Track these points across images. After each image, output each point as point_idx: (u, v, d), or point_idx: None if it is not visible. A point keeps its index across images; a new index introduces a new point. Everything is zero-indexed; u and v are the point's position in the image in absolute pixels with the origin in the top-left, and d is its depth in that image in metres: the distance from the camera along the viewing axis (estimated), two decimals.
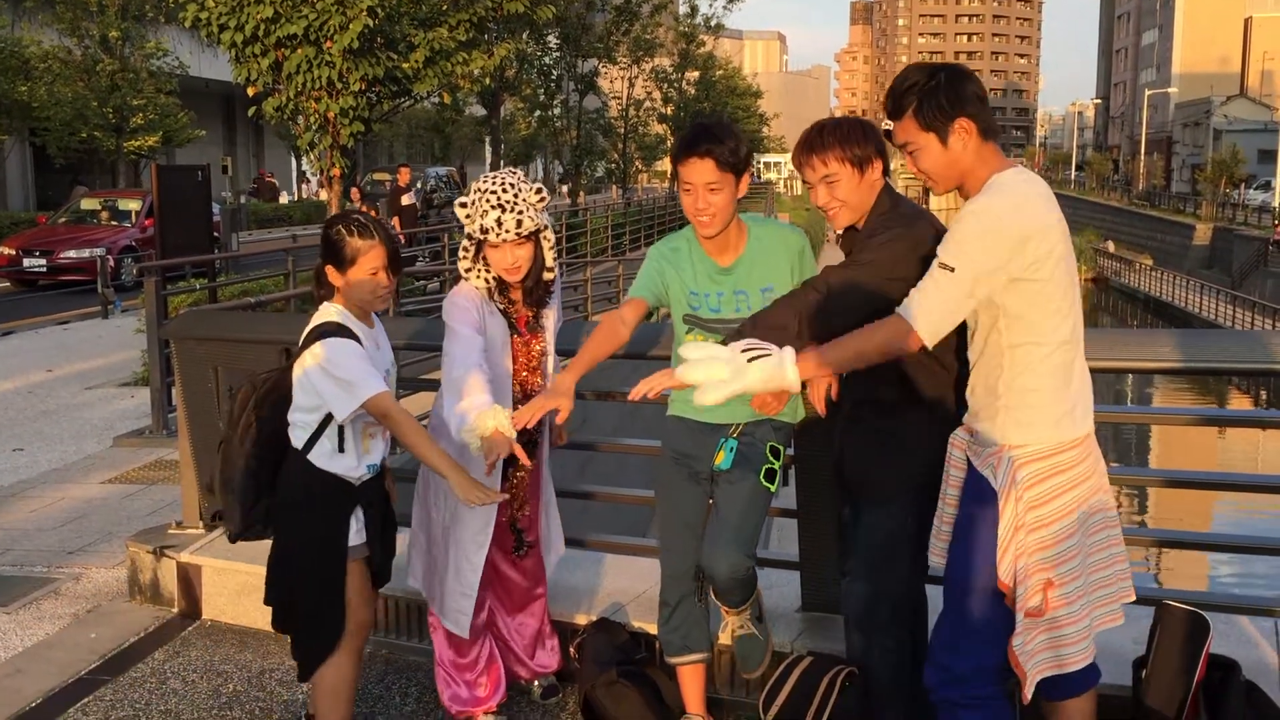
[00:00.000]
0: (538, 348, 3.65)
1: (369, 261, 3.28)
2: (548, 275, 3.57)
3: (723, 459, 3.41)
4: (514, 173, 3.46)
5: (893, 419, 3.22)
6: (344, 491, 3.37)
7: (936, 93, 2.84)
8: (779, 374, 2.82)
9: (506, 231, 3.36)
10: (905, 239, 3.02)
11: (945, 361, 3.14)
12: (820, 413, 3.29)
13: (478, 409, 3.16)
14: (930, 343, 2.79)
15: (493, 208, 3.36)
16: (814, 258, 3.52)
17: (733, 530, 3.35)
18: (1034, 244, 2.73)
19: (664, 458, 3.60)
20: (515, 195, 3.36)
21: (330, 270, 3.34)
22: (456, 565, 3.64)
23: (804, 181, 3.28)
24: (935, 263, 2.79)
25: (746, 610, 3.49)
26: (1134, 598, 3.02)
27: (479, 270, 3.50)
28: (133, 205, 22.69)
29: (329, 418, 3.32)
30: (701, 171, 3.25)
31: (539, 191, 3.43)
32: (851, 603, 3.33)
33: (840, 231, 3.27)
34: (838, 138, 3.15)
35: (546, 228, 3.48)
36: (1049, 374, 2.83)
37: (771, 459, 3.41)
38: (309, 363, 3.28)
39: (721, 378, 2.79)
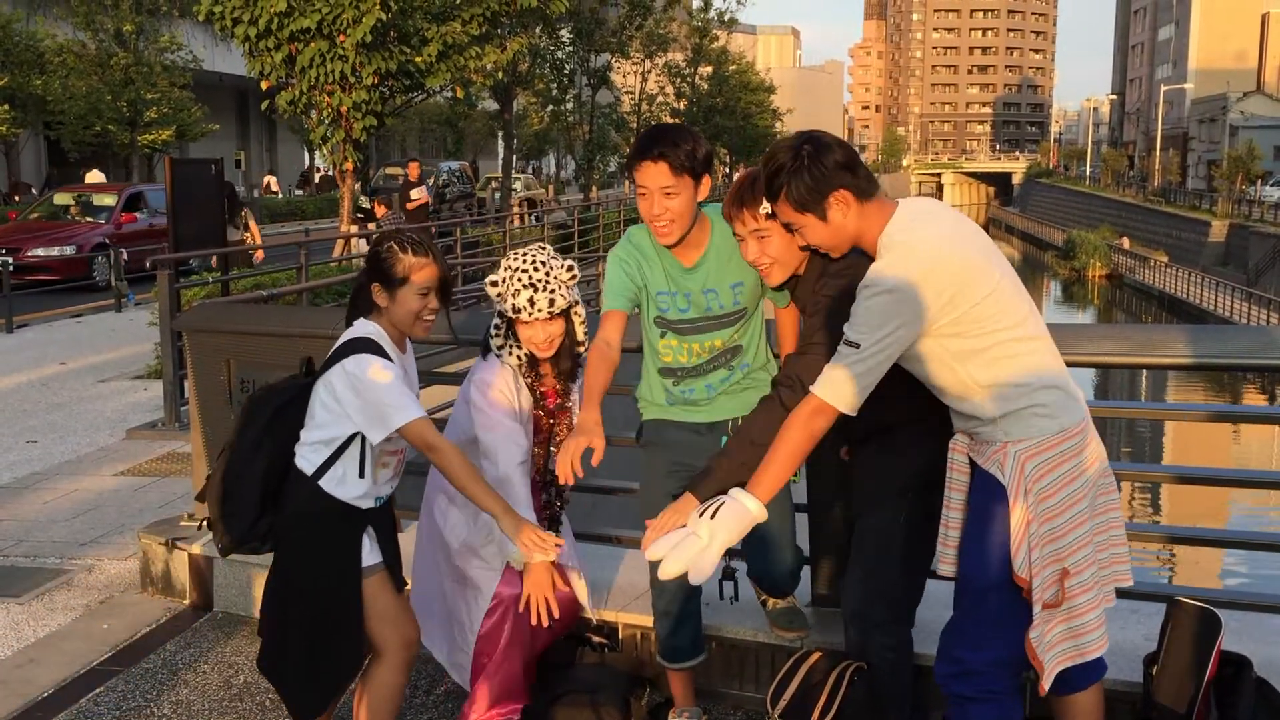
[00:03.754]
0: (565, 423, 3.57)
1: (421, 280, 3.14)
2: (579, 349, 3.51)
3: None
4: (544, 249, 3.39)
5: (886, 431, 3.22)
6: (354, 514, 3.23)
7: (801, 174, 2.82)
8: (743, 512, 2.85)
9: (539, 311, 3.31)
10: (845, 298, 2.93)
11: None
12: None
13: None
14: (851, 412, 2.82)
15: (525, 287, 3.30)
16: None
17: (781, 537, 3.44)
18: (935, 292, 2.75)
19: (654, 468, 3.53)
20: (547, 274, 3.31)
21: (376, 289, 3.18)
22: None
23: (735, 235, 3.24)
24: (843, 339, 2.81)
25: None
26: (1131, 582, 3.03)
27: (511, 347, 3.45)
28: (107, 200, 21.39)
29: (347, 443, 3.17)
30: (656, 175, 3.18)
31: (570, 269, 3.38)
32: (848, 603, 3.35)
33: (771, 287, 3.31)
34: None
35: (578, 303, 3.44)
36: (1028, 374, 2.85)
37: None
38: (339, 379, 3.10)
39: (700, 547, 2.81)
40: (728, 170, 53.44)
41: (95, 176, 28.19)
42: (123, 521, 6.30)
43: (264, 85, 13.77)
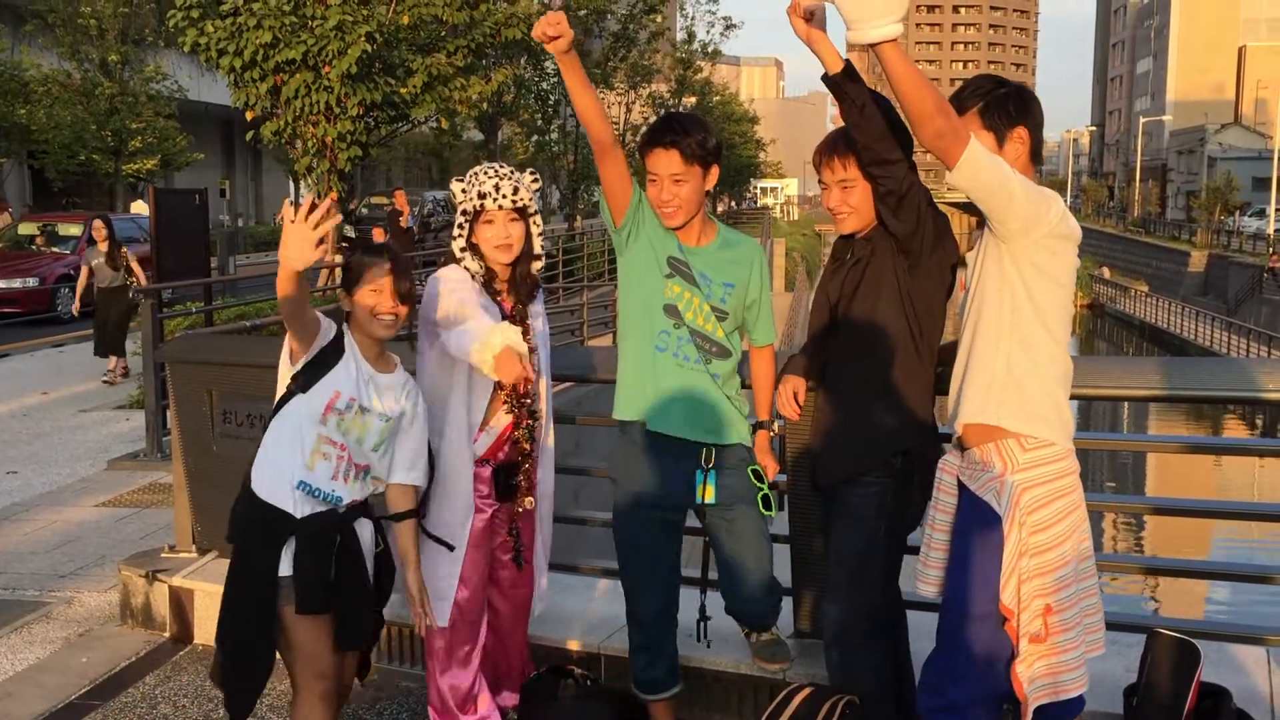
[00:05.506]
0: (528, 339, 3.57)
1: (373, 278, 3.27)
2: (536, 265, 3.60)
3: (711, 494, 3.40)
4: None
5: (865, 435, 3.25)
6: (277, 519, 3.19)
7: (1005, 99, 2.98)
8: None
9: (503, 197, 3.43)
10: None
11: (923, 374, 3.21)
12: (791, 416, 3.36)
13: (485, 327, 3.12)
14: (957, 163, 2.74)
15: (489, 178, 3.45)
16: (769, 276, 3.60)
17: (759, 572, 3.46)
18: (1060, 214, 2.87)
19: (627, 503, 3.51)
20: (511, 173, 3.48)
21: (342, 295, 3.35)
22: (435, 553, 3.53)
23: (819, 181, 3.33)
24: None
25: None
26: (1103, 630, 3.06)
27: (472, 256, 3.51)
28: (73, 230, 20.47)
29: (280, 409, 3.28)
30: (667, 163, 3.28)
31: (534, 175, 3.54)
32: (828, 623, 3.36)
33: (840, 234, 3.35)
34: None
35: (537, 213, 3.56)
36: (1057, 373, 2.94)
37: (758, 483, 3.44)
38: None
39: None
40: (712, 201, 53.59)
41: (140, 207, 26.66)
42: (102, 553, 6.26)
43: (249, 115, 13.79)
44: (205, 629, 4.93)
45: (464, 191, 3.48)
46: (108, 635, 5.07)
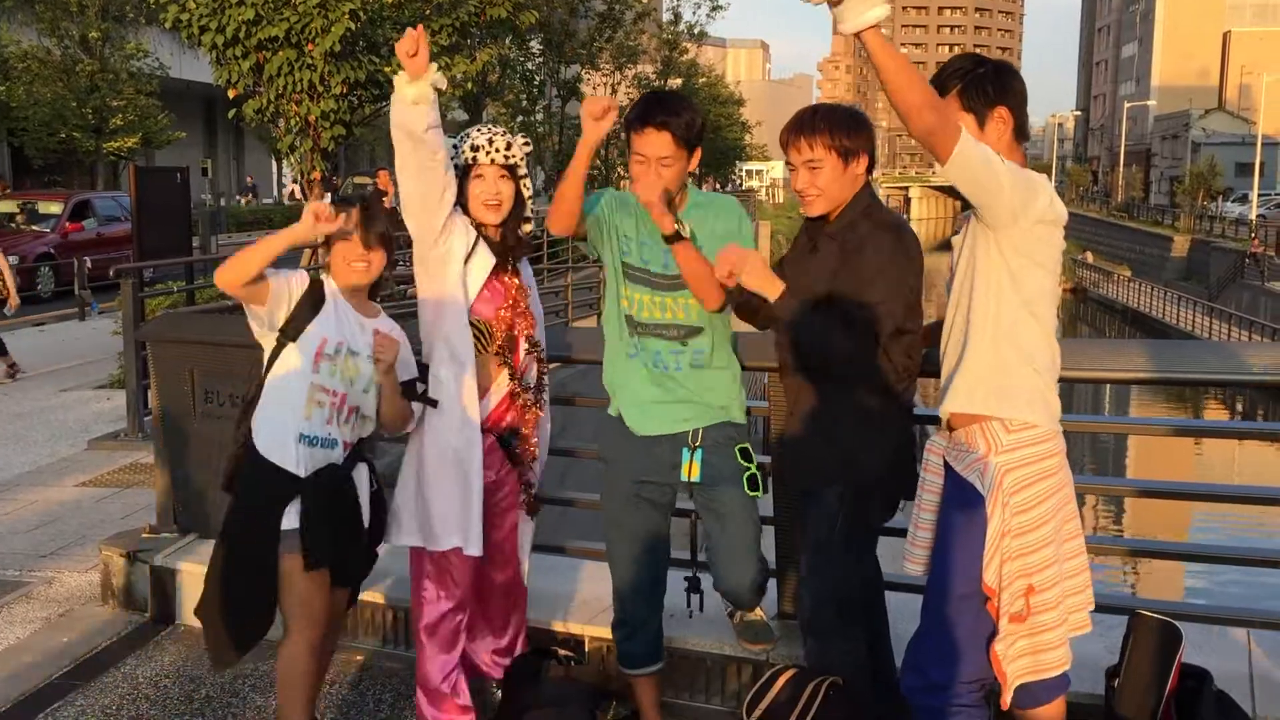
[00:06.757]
0: (516, 283, 3.58)
1: (345, 226, 3.39)
2: (525, 227, 3.60)
3: (696, 472, 3.39)
4: None
5: (828, 417, 3.23)
6: (284, 480, 3.33)
7: (983, 79, 2.94)
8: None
9: (496, 150, 3.45)
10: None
11: (892, 360, 3.18)
12: (721, 269, 3.28)
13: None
14: (948, 160, 2.71)
15: (482, 134, 3.49)
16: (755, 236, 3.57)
17: (744, 551, 3.46)
18: (1047, 200, 2.86)
19: (614, 479, 3.52)
20: (504, 130, 3.51)
21: (322, 251, 3.49)
22: (461, 477, 3.50)
23: (787, 162, 3.27)
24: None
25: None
26: (1093, 606, 3.08)
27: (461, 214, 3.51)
28: (53, 208, 20.43)
29: (271, 363, 3.39)
30: (657, 145, 3.25)
31: (525, 141, 3.55)
32: (801, 608, 3.38)
33: (809, 217, 3.27)
34: (830, 124, 3.16)
35: (528, 175, 3.55)
36: (1043, 358, 2.93)
37: (745, 462, 3.43)
38: None
39: None
40: (697, 182, 53.50)
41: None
42: (83, 533, 6.23)
43: (231, 93, 13.66)
44: (187, 609, 4.90)
45: (455, 147, 3.48)
46: (88, 615, 5.04)
